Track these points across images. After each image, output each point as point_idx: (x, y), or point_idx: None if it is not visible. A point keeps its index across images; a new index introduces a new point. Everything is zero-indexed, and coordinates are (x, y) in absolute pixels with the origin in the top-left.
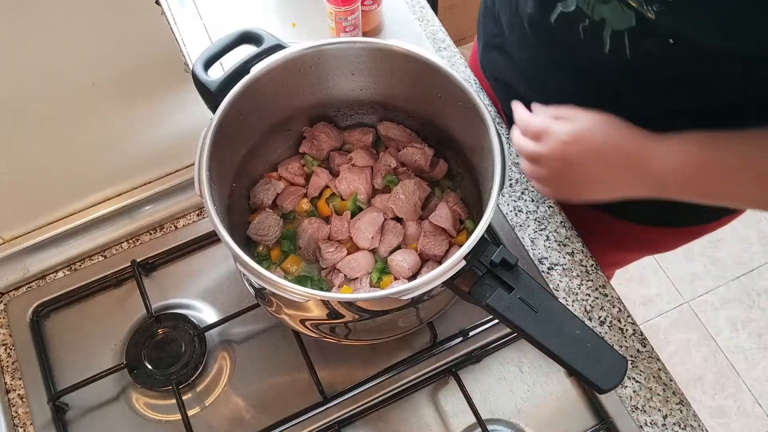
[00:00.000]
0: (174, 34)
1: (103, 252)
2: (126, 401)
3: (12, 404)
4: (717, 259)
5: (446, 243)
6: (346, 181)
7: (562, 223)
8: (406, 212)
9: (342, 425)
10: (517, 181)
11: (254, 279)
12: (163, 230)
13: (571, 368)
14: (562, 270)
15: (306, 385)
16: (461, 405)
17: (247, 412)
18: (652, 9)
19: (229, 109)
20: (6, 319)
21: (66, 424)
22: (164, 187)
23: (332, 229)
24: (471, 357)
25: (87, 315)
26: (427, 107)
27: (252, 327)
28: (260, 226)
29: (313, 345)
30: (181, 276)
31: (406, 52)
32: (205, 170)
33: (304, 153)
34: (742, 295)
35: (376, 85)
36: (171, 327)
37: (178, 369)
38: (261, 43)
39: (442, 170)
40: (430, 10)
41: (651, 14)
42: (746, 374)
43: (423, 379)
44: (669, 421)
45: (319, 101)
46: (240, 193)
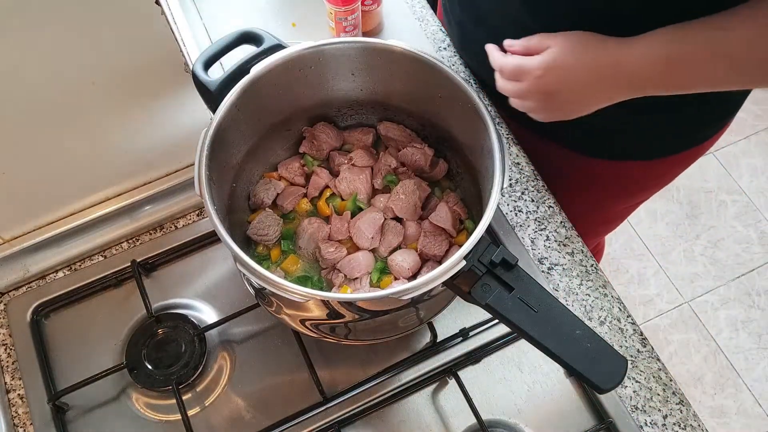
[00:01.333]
0: (174, 34)
1: (103, 252)
2: (126, 401)
3: (12, 404)
4: (717, 259)
5: (446, 243)
6: (346, 181)
7: (562, 223)
8: (406, 212)
9: (342, 425)
10: (517, 181)
11: (254, 279)
12: (163, 230)
13: (571, 368)
14: (562, 270)
15: (306, 385)
16: (461, 405)
17: (247, 412)
18: None
19: (229, 109)
20: (6, 319)
21: (66, 424)
22: (164, 187)
23: (332, 229)
24: (471, 357)
25: (87, 315)
26: (427, 107)
27: (252, 327)
28: (260, 226)
29: (313, 345)
30: (181, 276)
31: (406, 52)
32: (205, 170)
33: (304, 153)
34: (742, 295)
35: (376, 85)
36: (171, 327)
37: (178, 369)
38: (261, 43)
39: (442, 170)
40: (430, 10)
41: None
42: (746, 374)
43: (423, 379)
44: (669, 421)
45: (319, 101)
46: (240, 193)
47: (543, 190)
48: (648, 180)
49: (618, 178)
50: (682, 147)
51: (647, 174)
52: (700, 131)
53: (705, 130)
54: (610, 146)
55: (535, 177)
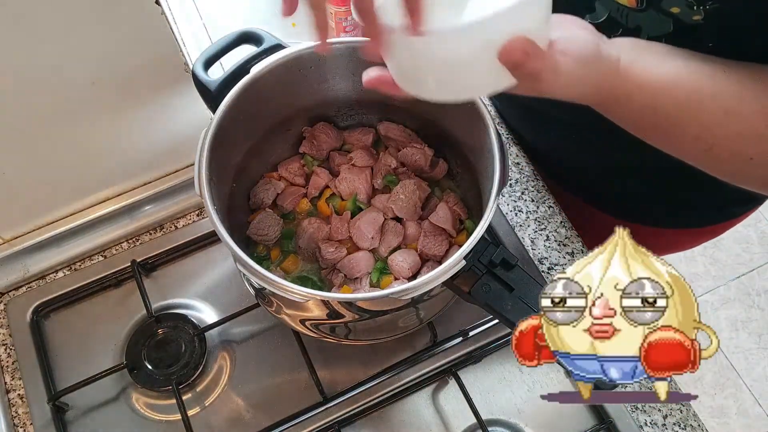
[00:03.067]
0: (174, 34)
1: (103, 252)
2: (126, 401)
3: (12, 404)
4: (717, 259)
5: (446, 243)
6: (346, 181)
7: (562, 223)
8: (406, 212)
9: (342, 425)
10: (517, 181)
11: (254, 279)
12: (163, 230)
13: None
14: (562, 270)
15: (306, 385)
16: (461, 405)
17: (247, 412)
18: (702, 9)
19: (229, 109)
20: (6, 319)
21: (66, 424)
22: (164, 187)
23: (332, 229)
24: (471, 357)
25: (87, 315)
26: (427, 107)
27: (252, 327)
28: (260, 226)
29: (313, 345)
30: (181, 276)
31: None
32: (205, 170)
33: (304, 153)
34: (742, 295)
35: None
36: (171, 327)
37: (178, 369)
38: (261, 43)
39: (442, 170)
40: None
41: (699, 16)
42: (746, 374)
43: (423, 379)
44: (669, 421)
45: (319, 101)
46: (240, 193)
47: (543, 190)
48: (684, 245)
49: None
50: (718, 220)
51: (677, 240)
52: (738, 206)
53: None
54: (645, 212)
55: (535, 177)
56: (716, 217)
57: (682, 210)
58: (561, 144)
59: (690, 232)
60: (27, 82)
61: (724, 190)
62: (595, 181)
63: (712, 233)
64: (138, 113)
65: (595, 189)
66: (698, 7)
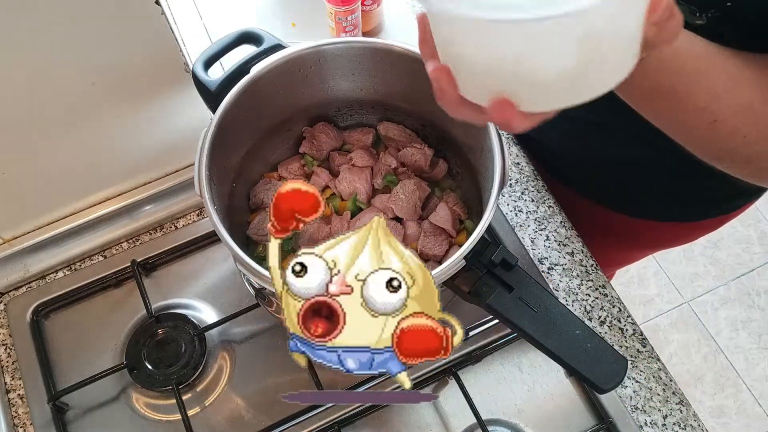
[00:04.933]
0: (174, 34)
1: (103, 252)
2: (126, 401)
3: (12, 404)
4: (717, 259)
5: (446, 243)
6: (346, 181)
7: (562, 223)
8: (406, 212)
9: (342, 425)
10: (517, 181)
11: (254, 279)
12: (163, 230)
13: (571, 368)
14: (562, 270)
15: (306, 385)
16: (461, 405)
17: (247, 412)
18: (705, 16)
19: (229, 109)
20: (6, 319)
21: (66, 424)
22: (164, 187)
23: (332, 229)
24: (471, 357)
25: (87, 315)
26: (427, 107)
27: (252, 327)
28: (260, 226)
29: None
30: (181, 276)
31: (406, 52)
32: (205, 170)
33: (304, 153)
34: (742, 295)
35: (376, 85)
36: (171, 327)
37: (178, 369)
38: (261, 43)
39: (442, 170)
40: None
41: (701, 21)
42: (746, 374)
43: (423, 379)
44: (669, 421)
45: (319, 101)
46: (240, 193)
47: (543, 190)
48: (679, 239)
49: (641, 233)
50: (712, 214)
51: (680, 233)
52: (730, 201)
53: (736, 200)
54: (640, 205)
55: (535, 177)
56: (710, 212)
57: (675, 204)
58: (558, 137)
59: (685, 226)
60: (27, 82)
61: (717, 186)
62: (591, 174)
63: (708, 228)
64: (138, 113)
65: (591, 182)
66: (701, 14)
